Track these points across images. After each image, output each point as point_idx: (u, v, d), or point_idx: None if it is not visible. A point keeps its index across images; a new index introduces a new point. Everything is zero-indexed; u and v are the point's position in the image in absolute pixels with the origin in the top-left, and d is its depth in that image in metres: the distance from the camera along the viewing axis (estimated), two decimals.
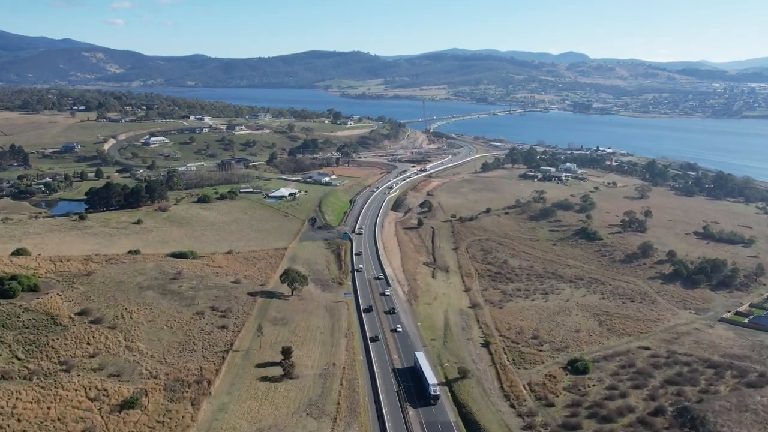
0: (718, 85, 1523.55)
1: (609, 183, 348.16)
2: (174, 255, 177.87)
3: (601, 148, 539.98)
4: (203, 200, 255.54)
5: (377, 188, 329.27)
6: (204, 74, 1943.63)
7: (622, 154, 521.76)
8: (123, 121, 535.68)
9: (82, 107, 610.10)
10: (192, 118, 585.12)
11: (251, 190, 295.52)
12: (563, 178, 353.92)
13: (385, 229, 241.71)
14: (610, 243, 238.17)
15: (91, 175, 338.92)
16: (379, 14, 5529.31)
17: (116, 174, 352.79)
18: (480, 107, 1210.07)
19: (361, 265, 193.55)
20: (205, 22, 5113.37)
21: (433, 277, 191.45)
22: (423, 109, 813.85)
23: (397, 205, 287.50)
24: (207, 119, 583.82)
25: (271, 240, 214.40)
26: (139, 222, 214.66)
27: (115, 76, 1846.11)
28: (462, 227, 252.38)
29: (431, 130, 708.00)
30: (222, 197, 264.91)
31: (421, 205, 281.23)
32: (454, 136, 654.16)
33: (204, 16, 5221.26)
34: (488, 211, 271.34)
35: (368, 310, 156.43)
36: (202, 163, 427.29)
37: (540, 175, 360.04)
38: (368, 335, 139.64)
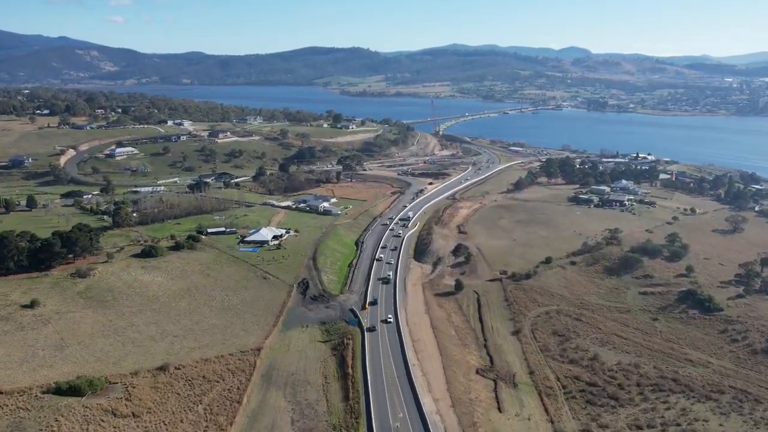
0: (731, 80, 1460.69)
1: (685, 209, 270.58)
2: (59, 389, 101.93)
3: (640, 155, 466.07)
4: (149, 254, 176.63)
5: (391, 219, 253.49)
6: (200, 72, 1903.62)
7: (666, 162, 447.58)
8: (88, 127, 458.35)
9: (46, 111, 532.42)
10: (170, 123, 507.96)
11: (223, 229, 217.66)
12: (626, 202, 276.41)
13: (410, 299, 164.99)
14: (737, 317, 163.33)
15: (23, 203, 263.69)
16: (377, 9, 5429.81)
17: (58, 201, 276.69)
18: (488, 105, 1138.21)
19: (383, 398, 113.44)
20: (202, 20, 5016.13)
21: (499, 408, 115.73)
22: (432, 108, 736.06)
23: (420, 251, 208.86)
24: (187, 124, 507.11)
25: (238, 329, 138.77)
26: (33, 304, 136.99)
27: (109, 74, 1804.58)
28: (518, 290, 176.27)
29: (441, 132, 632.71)
30: (177, 246, 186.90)
31: (455, 252, 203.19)
32: (468, 139, 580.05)
33: (202, 13, 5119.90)
34: (548, 261, 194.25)
35: None
36: (176, 179, 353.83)
37: (596, 199, 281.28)
38: None
